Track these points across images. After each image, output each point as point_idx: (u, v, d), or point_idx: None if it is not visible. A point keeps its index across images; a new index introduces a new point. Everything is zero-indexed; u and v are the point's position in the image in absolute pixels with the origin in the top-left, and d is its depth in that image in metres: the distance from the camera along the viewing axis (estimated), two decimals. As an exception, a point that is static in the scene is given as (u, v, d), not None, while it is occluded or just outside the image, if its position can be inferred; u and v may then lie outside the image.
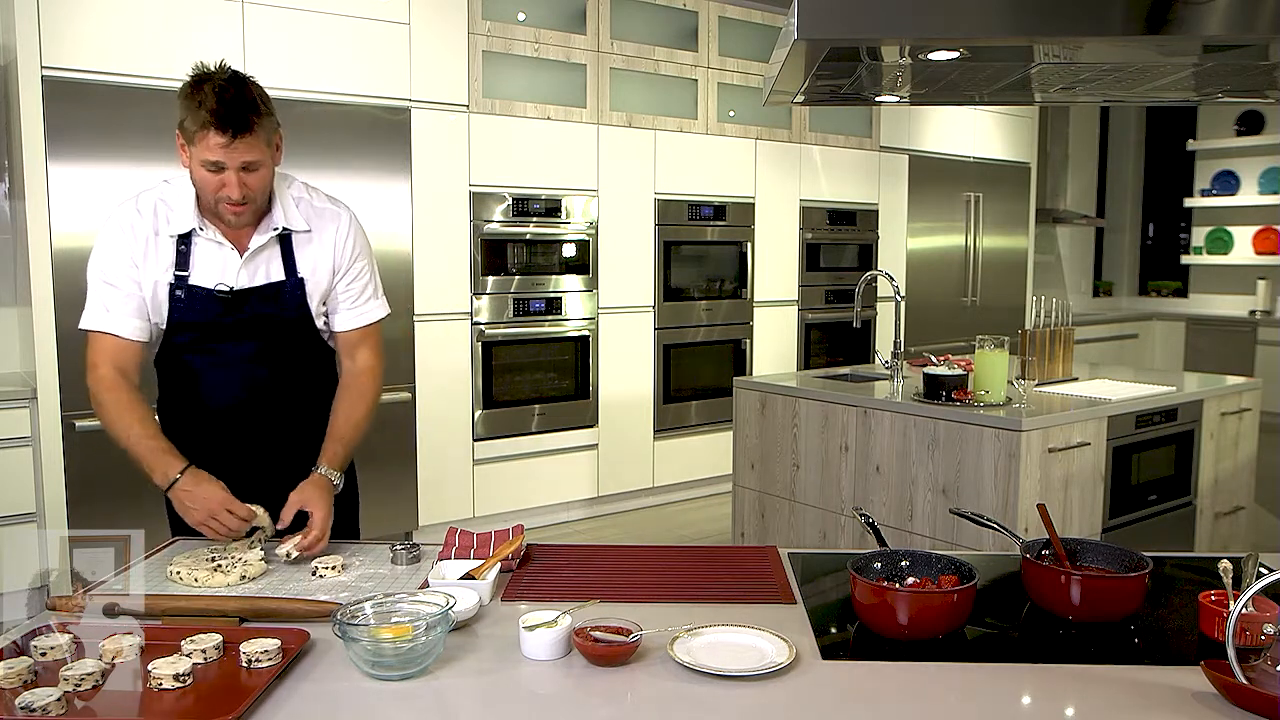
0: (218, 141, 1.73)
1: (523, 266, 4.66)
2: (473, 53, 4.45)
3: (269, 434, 1.98)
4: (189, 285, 1.86)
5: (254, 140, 1.76)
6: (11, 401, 3.42)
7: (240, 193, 1.78)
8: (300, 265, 1.93)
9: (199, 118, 1.72)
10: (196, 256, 1.87)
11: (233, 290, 1.88)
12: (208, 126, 1.72)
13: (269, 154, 1.82)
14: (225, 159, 1.74)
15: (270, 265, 1.91)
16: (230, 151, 1.74)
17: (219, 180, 1.77)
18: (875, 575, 1.53)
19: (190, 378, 1.94)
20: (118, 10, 3.53)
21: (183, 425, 1.97)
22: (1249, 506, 3.89)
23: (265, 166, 1.81)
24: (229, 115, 1.72)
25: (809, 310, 5.84)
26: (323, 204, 1.98)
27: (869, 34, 1.64)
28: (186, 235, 1.86)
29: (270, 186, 1.88)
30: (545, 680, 1.30)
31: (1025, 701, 1.26)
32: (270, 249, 1.91)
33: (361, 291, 2.01)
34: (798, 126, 5.69)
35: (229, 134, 1.72)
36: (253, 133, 1.75)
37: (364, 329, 2.02)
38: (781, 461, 3.61)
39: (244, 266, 1.88)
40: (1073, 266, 8.51)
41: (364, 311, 2.02)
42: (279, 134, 1.88)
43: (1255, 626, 1.33)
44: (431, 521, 4.41)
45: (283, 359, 1.96)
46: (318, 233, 1.95)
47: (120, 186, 3.54)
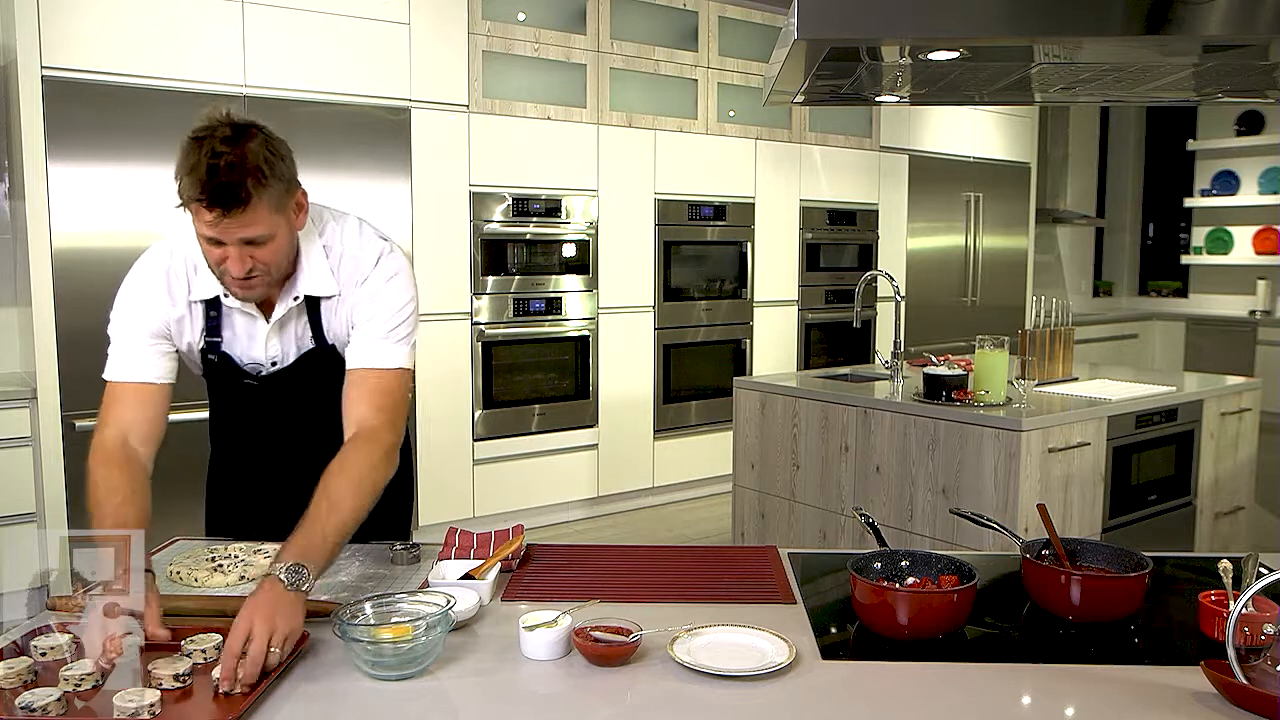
0: (207, 219, 1.48)
1: (523, 266, 4.66)
2: (473, 53, 4.45)
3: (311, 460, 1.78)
4: (221, 352, 1.72)
5: (254, 214, 1.49)
6: (11, 401, 3.42)
7: (244, 269, 1.53)
8: (328, 331, 1.70)
9: (188, 186, 1.47)
10: (228, 321, 1.70)
11: (260, 375, 1.73)
12: (197, 200, 1.47)
13: (280, 223, 1.54)
14: (221, 236, 1.50)
15: (301, 333, 1.71)
16: (224, 229, 1.49)
17: (220, 254, 1.53)
18: (875, 575, 1.53)
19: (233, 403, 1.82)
20: (118, 10, 3.53)
21: (230, 441, 1.89)
22: (1249, 506, 3.89)
23: (277, 238, 1.54)
24: (219, 190, 1.45)
25: (809, 310, 5.84)
26: (354, 249, 1.68)
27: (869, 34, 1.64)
28: (215, 300, 1.68)
29: (289, 255, 1.62)
30: (545, 680, 1.29)
31: (1025, 701, 1.26)
32: (297, 315, 1.70)
33: (379, 328, 1.67)
34: (798, 126, 5.69)
35: (217, 212, 1.47)
36: (250, 207, 1.48)
37: (370, 374, 1.65)
38: (781, 461, 3.61)
39: (273, 336, 1.70)
40: (1073, 266, 8.51)
41: (374, 353, 1.66)
42: (300, 193, 1.59)
43: (1255, 626, 1.33)
44: (431, 521, 4.41)
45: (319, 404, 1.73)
46: (346, 291, 1.68)
47: (120, 186, 3.54)
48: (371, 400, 1.63)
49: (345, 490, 1.50)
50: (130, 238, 3.54)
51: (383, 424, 1.62)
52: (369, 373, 1.65)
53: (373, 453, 1.58)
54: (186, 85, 3.67)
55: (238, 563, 1.66)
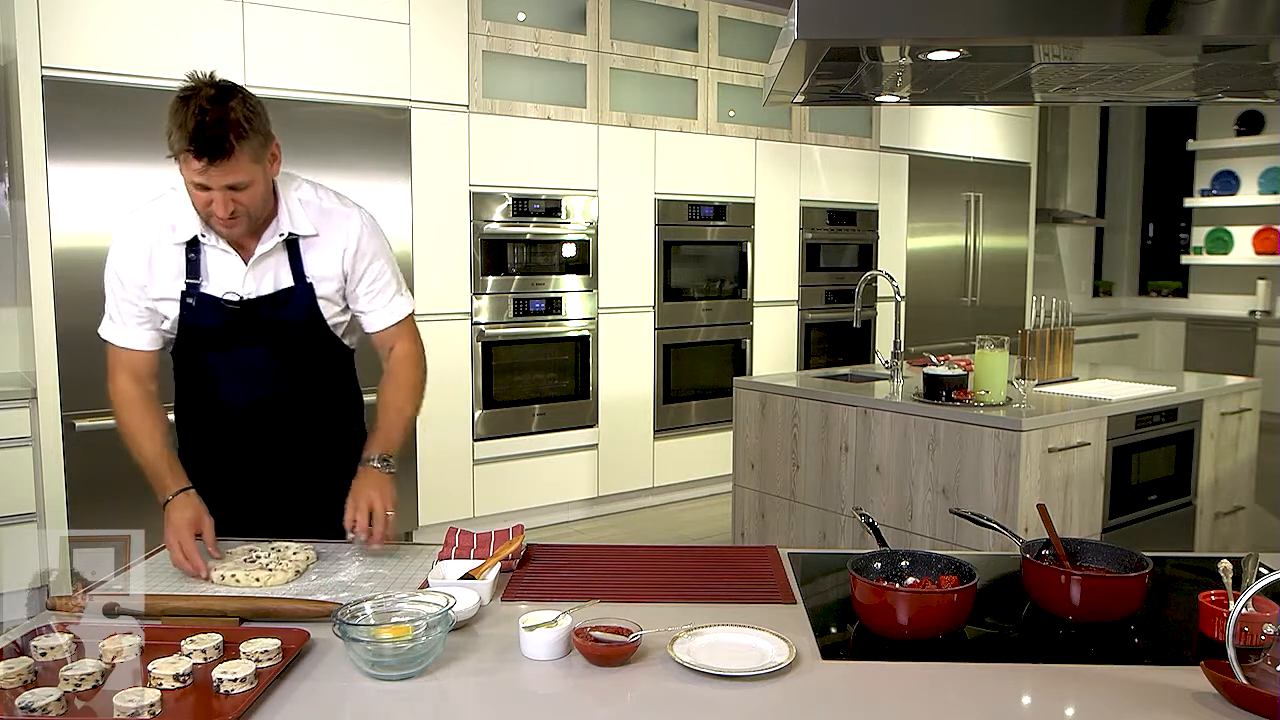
0: (196, 167, 1.69)
1: (523, 266, 4.66)
2: (473, 53, 4.45)
3: (284, 434, 1.98)
4: (200, 293, 1.85)
5: (236, 163, 1.70)
6: (11, 401, 3.42)
7: (228, 210, 1.74)
8: (309, 270, 1.90)
9: (178, 140, 1.69)
10: (206, 264, 1.86)
11: (242, 300, 1.86)
12: (187, 151, 1.68)
13: (258, 171, 1.76)
14: (207, 182, 1.71)
15: (279, 271, 1.88)
16: (210, 176, 1.70)
17: (207, 198, 1.74)
18: (875, 575, 1.53)
19: (205, 377, 1.95)
20: (118, 10, 3.53)
21: (199, 422, 1.99)
22: (1249, 506, 3.89)
23: (256, 183, 1.76)
24: (207, 141, 1.66)
25: (809, 310, 5.84)
26: (331, 204, 1.94)
27: (869, 34, 1.64)
28: (194, 242, 1.84)
29: (267, 199, 1.83)
30: (545, 680, 1.30)
31: (1025, 701, 1.26)
32: (277, 254, 1.88)
33: (384, 290, 1.99)
34: (798, 126, 5.69)
35: (205, 160, 1.68)
36: (233, 157, 1.69)
37: (396, 326, 2.02)
38: (781, 461, 3.61)
39: (250, 272, 1.86)
40: (1073, 266, 8.51)
41: (392, 310, 2.01)
42: (275, 144, 1.82)
43: (1255, 626, 1.33)
44: (431, 521, 4.41)
45: (296, 361, 1.95)
46: (325, 236, 1.91)
47: (120, 186, 3.54)
48: (402, 337, 2.04)
49: (404, 398, 1.99)
50: (130, 238, 3.54)
51: (417, 347, 2.06)
52: (399, 326, 2.03)
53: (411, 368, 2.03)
54: (186, 85, 3.67)
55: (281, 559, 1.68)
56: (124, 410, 1.88)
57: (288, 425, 1.97)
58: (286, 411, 1.96)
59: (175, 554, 1.68)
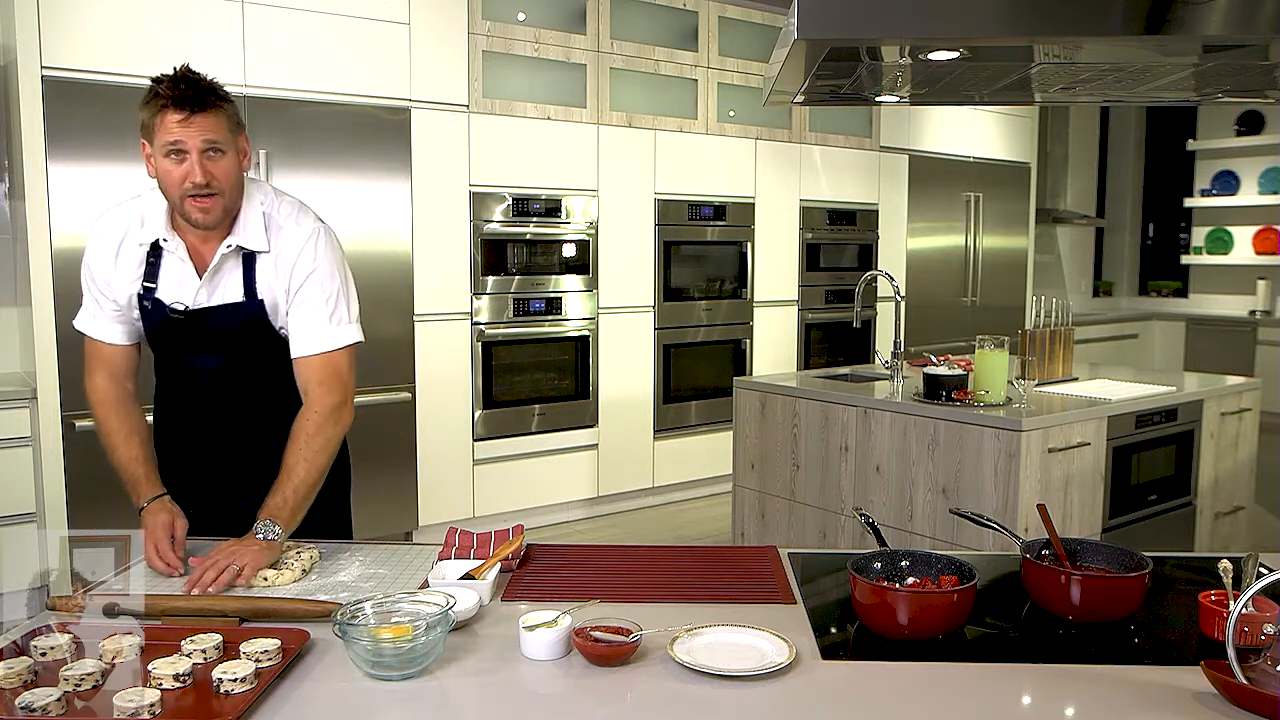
0: (175, 119, 1.68)
1: (523, 266, 4.66)
2: (473, 53, 4.45)
3: (242, 441, 1.96)
4: (154, 298, 1.85)
5: (214, 121, 1.71)
6: (11, 401, 3.42)
7: (203, 176, 1.71)
8: (259, 284, 1.85)
9: (155, 104, 1.69)
10: (163, 269, 1.85)
11: (187, 310, 1.84)
12: (165, 108, 1.68)
13: (233, 144, 1.76)
14: (184, 137, 1.69)
15: (229, 285, 1.85)
16: (188, 128, 1.69)
17: (182, 170, 1.71)
18: (875, 575, 1.53)
19: (173, 379, 1.97)
20: (118, 10, 3.53)
21: (171, 423, 2.01)
22: (1249, 506, 3.89)
23: (229, 155, 1.75)
24: (185, 94, 1.68)
25: (809, 310, 5.84)
26: (286, 219, 1.86)
27: (869, 34, 1.64)
28: (156, 245, 1.83)
29: (240, 186, 1.81)
30: (545, 680, 1.30)
31: (1025, 701, 1.26)
32: (232, 266, 1.84)
33: (313, 314, 1.84)
34: (798, 126, 5.69)
35: (186, 110, 1.68)
36: (211, 112, 1.71)
37: (317, 359, 1.84)
38: (781, 461, 3.61)
39: (204, 286, 1.83)
40: (1073, 266, 8.51)
41: (315, 338, 1.84)
42: (244, 136, 1.81)
43: (1255, 626, 1.33)
44: (431, 521, 4.41)
45: (244, 373, 1.92)
46: (276, 252, 1.85)
47: (120, 187, 3.54)
48: (318, 378, 1.85)
49: (297, 461, 1.78)
50: (130, 238, 3.54)
51: (325, 395, 1.84)
52: (313, 359, 1.85)
53: (315, 421, 1.82)
54: (186, 85, 3.67)
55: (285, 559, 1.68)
56: (101, 410, 1.89)
57: (244, 432, 1.96)
58: (241, 419, 1.95)
59: (149, 554, 1.68)
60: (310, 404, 1.84)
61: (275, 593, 1.58)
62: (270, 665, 1.28)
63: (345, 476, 2.10)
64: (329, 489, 1.88)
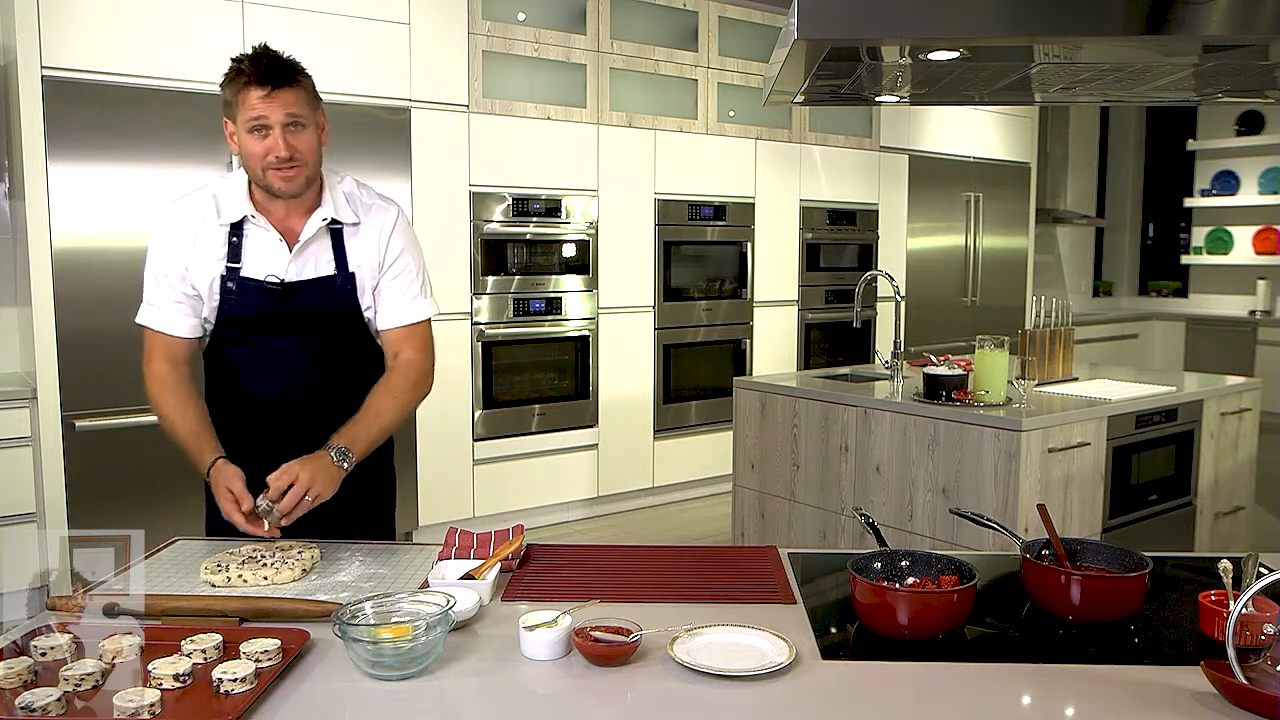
0: (258, 95, 1.74)
1: (523, 266, 4.66)
2: (473, 53, 4.45)
3: (313, 428, 1.90)
4: (240, 277, 1.85)
5: (296, 95, 1.77)
6: (11, 401, 3.42)
7: (287, 150, 1.77)
8: (350, 259, 1.91)
9: (238, 82, 1.75)
10: (248, 247, 1.86)
11: (283, 282, 1.86)
12: (248, 85, 1.74)
13: (313, 120, 1.83)
14: (267, 112, 1.75)
15: (320, 258, 1.89)
16: (271, 103, 1.74)
17: (266, 144, 1.77)
18: (875, 575, 1.53)
19: (234, 371, 1.93)
20: (118, 10, 3.53)
21: (227, 418, 1.95)
22: (1249, 506, 3.89)
23: (311, 129, 1.82)
24: (269, 69, 1.75)
25: (809, 310, 5.84)
26: (372, 199, 1.98)
27: (869, 34, 1.64)
28: (238, 225, 1.85)
29: (319, 157, 1.87)
30: (545, 680, 1.29)
31: (1025, 701, 1.26)
32: (320, 241, 1.89)
33: (406, 289, 1.97)
34: (798, 126, 5.69)
35: (269, 86, 1.74)
36: (294, 87, 1.77)
37: (407, 328, 1.98)
38: (781, 461, 3.61)
39: (294, 259, 1.86)
40: (1073, 266, 8.51)
41: (408, 309, 1.98)
42: (323, 112, 1.88)
43: (1255, 626, 1.33)
44: (431, 521, 4.41)
45: (329, 353, 1.93)
46: (366, 226, 1.93)
47: (120, 186, 3.55)
48: (411, 344, 1.97)
49: (387, 403, 1.88)
50: (130, 238, 3.54)
51: (422, 357, 1.98)
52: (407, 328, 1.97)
53: (410, 375, 1.95)
54: (186, 85, 3.67)
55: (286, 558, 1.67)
56: (158, 389, 1.87)
57: (317, 418, 1.91)
58: (317, 404, 1.92)
59: (227, 504, 1.70)
60: (405, 362, 1.95)
61: (275, 593, 1.58)
62: (270, 665, 1.28)
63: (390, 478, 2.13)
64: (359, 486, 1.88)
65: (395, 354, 1.98)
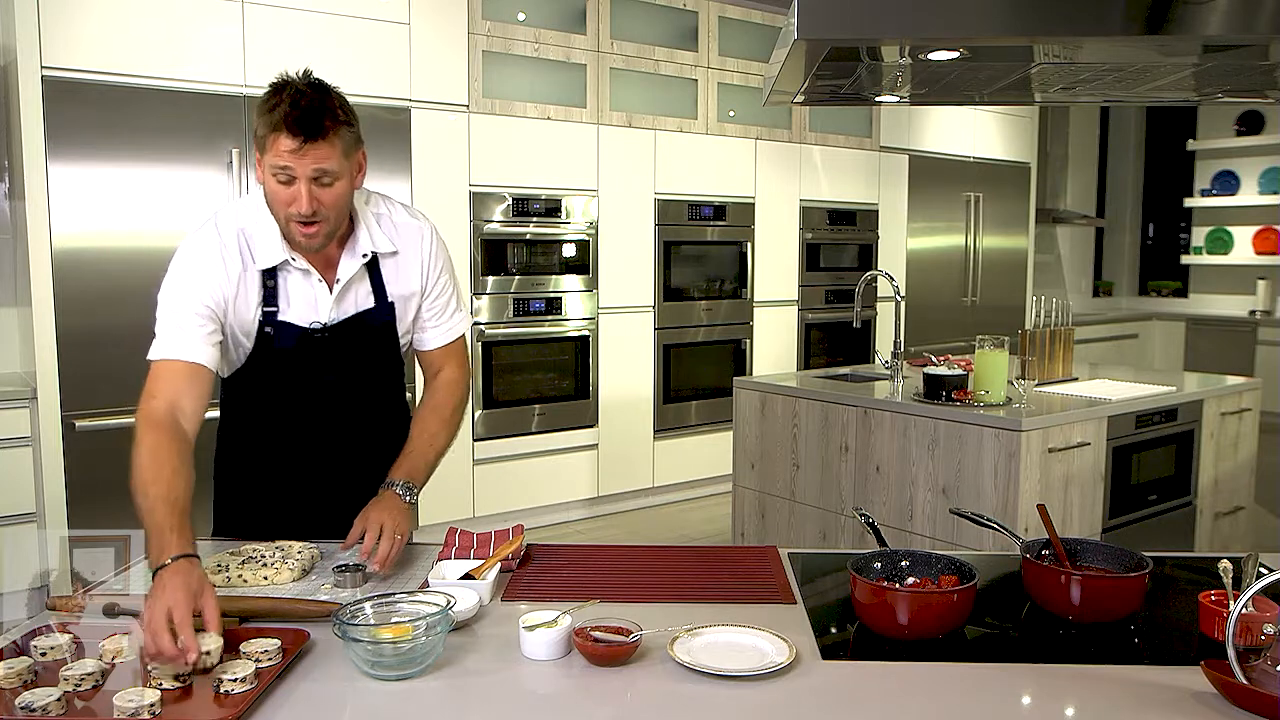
0: (287, 146, 1.60)
1: (523, 266, 4.66)
2: (473, 53, 4.45)
3: (336, 450, 1.89)
4: (278, 321, 1.75)
5: (328, 149, 1.63)
6: (11, 401, 3.42)
7: (310, 207, 1.64)
8: (389, 289, 1.83)
9: (270, 120, 1.61)
10: (285, 290, 1.76)
11: (327, 328, 1.78)
12: (279, 130, 1.60)
13: (346, 169, 1.68)
14: (294, 165, 1.62)
15: (360, 292, 1.81)
16: (300, 158, 1.61)
17: (289, 194, 1.64)
18: (875, 575, 1.53)
19: (260, 392, 1.85)
20: (118, 10, 3.53)
21: (245, 436, 1.90)
22: (1249, 506, 3.89)
23: (341, 182, 1.67)
24: (302, 118, 1.60)
25: (809, 310, 5.84)
26: (403, 218, 1.88)
27: (869, 34, 1.64)
28: (272, 269, 1.74)
29: (346, 211, 1.74)
30: (545, 680, 1.29)
31: (1025, 701, 1.26)
32: (359, 275, 1.80)
33: (445, 307, 1.93)
34: (798, 126, 5.69)
35: (300, 139, 1.60)
36: (327, 140, 1.62)
37: (449, 346, 1.94)
38: (781, 461, 3.61)
39: (336, 300, 1.78)
40: (1073, 266, 8.51)
41: (450, 328, 1.94)
42: (362, 152, 1.74)
43: (1255, 626, 1.33)
44: (431, 521, 4.40)
45: (360, 380, 1.87)
46: (404, 252, 1.84)
47: (120, 186, 3.55)
48: (452, 360, 1.96)
49: (439, 425, 1.88)
50: (130, 238, 3.54)
51: (462, 373, 1.97)
52: (448, 346, 1.95)
53: (457, 394, 1.94)
54: (186, 85, 3.67)
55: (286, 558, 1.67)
56: (149, 431, 1.57)
57: (339, 445, 1.89)
58: (342, 429, 1.88)
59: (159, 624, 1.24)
60: (449, 381, 1.93)
61: (275, 593, 1.58)
62: (270, 665, 1.28)
63: None
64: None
65: (436, 371, 1.94)
